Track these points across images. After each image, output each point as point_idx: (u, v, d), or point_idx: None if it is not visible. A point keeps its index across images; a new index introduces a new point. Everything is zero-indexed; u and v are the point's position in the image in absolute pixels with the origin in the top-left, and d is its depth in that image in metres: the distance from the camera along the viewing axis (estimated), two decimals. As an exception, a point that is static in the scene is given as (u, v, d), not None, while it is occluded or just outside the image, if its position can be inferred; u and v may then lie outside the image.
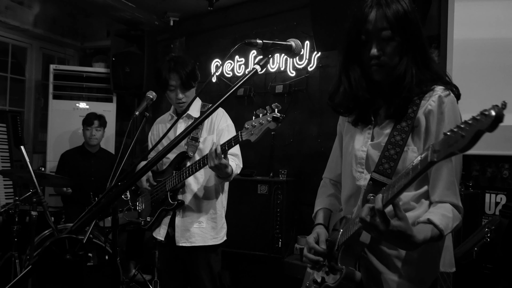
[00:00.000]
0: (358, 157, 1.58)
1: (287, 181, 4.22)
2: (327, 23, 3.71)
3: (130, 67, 5.24)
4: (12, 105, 5.69)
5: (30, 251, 3.39)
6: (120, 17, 5.33)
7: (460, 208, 1.45)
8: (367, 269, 1.52)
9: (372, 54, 1.44)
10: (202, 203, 2.75)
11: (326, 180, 1.92)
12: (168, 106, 5.87)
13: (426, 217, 1.37)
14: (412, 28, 1.44)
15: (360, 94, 1.54)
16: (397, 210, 1.24)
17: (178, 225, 2.74)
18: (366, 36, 1.46)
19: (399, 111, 1.48)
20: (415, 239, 1.27)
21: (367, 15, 1.44)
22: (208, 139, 2.76)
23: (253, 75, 1.40)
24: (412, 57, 1.46)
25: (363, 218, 1.28)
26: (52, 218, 3.68)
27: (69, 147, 4.91)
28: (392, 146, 1.46)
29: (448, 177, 1.43)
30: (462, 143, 0.93)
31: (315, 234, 1.67)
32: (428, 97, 1.46)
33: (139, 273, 4.45)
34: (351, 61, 1.55)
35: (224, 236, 2.84)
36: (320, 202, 1.84)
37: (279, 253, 4.05)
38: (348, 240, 1.46)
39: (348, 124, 1.68)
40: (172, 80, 2.73)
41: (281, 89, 4.70)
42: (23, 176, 3.69)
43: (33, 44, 5.86)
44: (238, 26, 5.24)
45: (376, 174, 1.47)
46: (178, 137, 1.33)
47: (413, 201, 1.49)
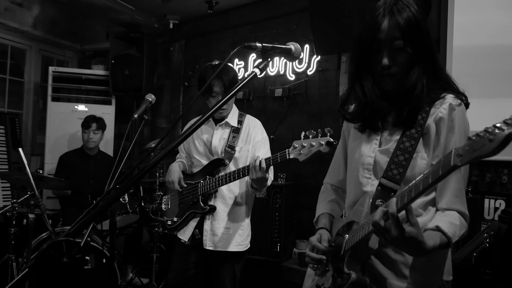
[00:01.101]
0: (366, 163, 1.58)
1: (285, 185, 4.23)
2: (326, 27, 3.71)
3: (129, 69, 5.25)
4: (11, 107, 5.68)
5: (27, 254, 3.38)
6: (120, 19, 5.34)
7: (467, 216, 1.45)
8: (372, 275, 1.51)
9: (384, 64, 1.44)
10: (231, 210, 2.82)
11: (327, 185, 1.91)
12: (167, 109, 5.90)
13: (434, 224, 1.37)
14: (423, 37, 1.44)
15: (375, 103, 1.53)
16: (409, 216, 1.24)
17: (206, 229, 2.79)
18: (378, 45, 1.45)
19: (408, 119, 1.47)
20: (425, 246, 1.27)
21: (380, 24, 1.43)
22: (244, 149, 2.84)
23: (252, 78, 1.40)
24: (423, 67, 1.46)
25: (377, 222, 1.27)
26: (49, 220, 3.67)
27: (68, 150, 4.90)
28: (401, 152, 1.46)
29: (457, 184, 1.43)
30: (491, 147, 0.92)
31: (317, 235, 1.67)
32: (438, 105, 1.46)
33: (137, 277, 4.44)
34: (363, 69, 1.55)
35: (248, 244, 2.91)
36: (322, 207, 1.83)
37: (278, 257, 4.05)
38: (356, 245, 1.45)
39: (354, 130, 1.68)
40: (216, 87, 2.78)
41: (280, 92, 4.71)
42: (21, 178, 3.68)
43: (32, 46, 5.87)
44: (237, 29, 5.26)
45: (385, 180, 1.47)
46: (181, 136, 1.34)
47: (420, 208, 1.49)
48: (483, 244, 2.79)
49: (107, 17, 5.38)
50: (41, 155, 5.56)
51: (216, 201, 2.81)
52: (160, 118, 6.00)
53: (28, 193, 3.65)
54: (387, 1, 1.47)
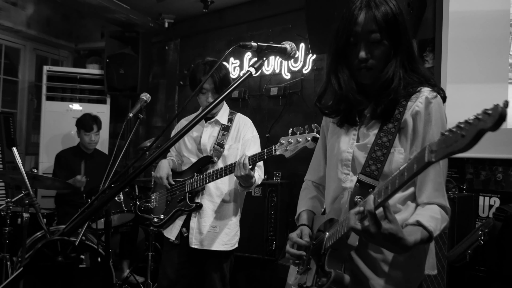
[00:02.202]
0: (344, 159, 1.58)
1: (281, 183, 4.22)
2: (322, 26, 3.71)
3: (124, 68, 5.24)
4: (5, 106, 5.65)
5: (22, 253, 3.37)
6: (115, 18, 5.33)
7: (448, 209, 1.45)
8: (353, 272, 1.50)
9: (361, 57, 1.45)
10: (219, 208, 2.80)
11: (308, 182, 1.92)
12: (162, 109, 5.89)
13: (415, 219, 1.36)
14: (400, 31, 1.46)
15: (351, 95, 1.53)
16: (387, 213, 1.23)
17: (192, 227, 2.78)
18: (355, 39, 1.47)
19: (386, 112, 1.48)
20: (406, 242, 1.26)
21: (357, 17, 1.44)
22: (233, 147, 2.83)
23: (248, 77, 1.40)
24: (399, 60, 1.47)
25: (353, 226, 1.27)
26: (44, 220, 3.66)
27: (62, 149, 4.88)
28: (379, 147, 1.46)
29: (436, 178, 1.44)
30: (463, 142, 0.92)
31: (298, 231, 1.67)
32: (414, 99, 1.47)
33: (132, 275, 4.43)
34: (340, 62, 1.55)
35: (236, 243, 2.88)
36: (303, 204, 1.83)
37: (273, 255, 4.05)
38: (336, 243, 1.45)
39: (333, 125, 1.68)
40: (206, 84, 2.78)
41: (276, 91, 4.71)
42: (15, 177, 3.67)
43: (26, 45, 5.84)
44: (233, 28, 5.25)
45: (363, 176, 1.47)
46: (176, 135, 1.33)
47: (399, 204, 1.49)
48: (478, 242, 2.80)
49: (102, 16, 5.37)
50: (36, 154, 5.55)
51: (203, 198, 2.80)
52: (155, 117, 5.99)
53: (22, 192, 3.64)
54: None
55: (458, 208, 3.00)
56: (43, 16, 5.79)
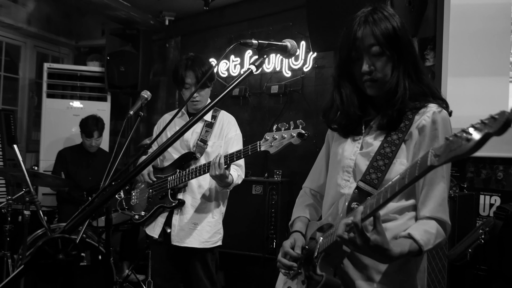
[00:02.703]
0: (346, 165, 1.58)
1: (282, 181, 4.22)
2: (323, 24, 3.71)
3: (125, 66, 5.23)
4: (5, 104, 5.66)
5: (23, 250, 3.37)
6: (115, 16, 5.31)
7: (448, 225, 1.45)
8: (343, 278, 1.51)
9: (364, 70, 1.47)
10: (201, 206, 2.78)
11: (306, 189, 1.91)
12: (163, 106, 5.89)
13: (407, 232, 1.37)
14: (401, 42, 1.47)
15: (352, 111, 1.55)
16: (376, 224, 1.25)
17: (174, 224, 2.76)
18: (356, 53, 1.49)
19: (392, 123, 1.48)
20: (391, 253, 1.27)
21: (356, 32, 1.47)
22: (217, 144, 2.81)
23: (248, 75, 1.40)
24: (403, 70, 1.48)
25: (340, 235, 1.28)
26: (45, 217, 3.65)
27: (63, 146, 4.89)
28: (381, 157, 1.47)
29: (441, 194, 1.44)
30: (468, 146, 0.92)
31: (291, 240, 1.66)
32: (422, 113, 1.47)
33: (133, 273, 4.44)
34: (342, 78, 1.58)
35: (218, 241, 2.85)
36: (298, 211, 1.82)
37: (274, 253, 4.05)
38: (329, 248, 1.44)
39: (338, 135, 1.68)
40: (188, 78, 2.78)
41: (277, 89, 4.70)
42: (16, 175, 3.67)
43: (27, 43, 5.84)
44: (233, 26, 5.24)
45: (362, 183, 1.47)
46: (174, 135, 1.33)
47: (396, 213, 1.48)
48: (479, 240, 2.80)
49: (102, 13, 5.35)
50: (36, 152, 5.55)
51: (186, 195, 2.77)
52: (156, 115, 5.98)
53: (23, 189, 3.64)
54: (364, 11, 1.51)
55: (458, 207, 3.00)
56: (44, 13, 5.78)
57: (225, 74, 5.11)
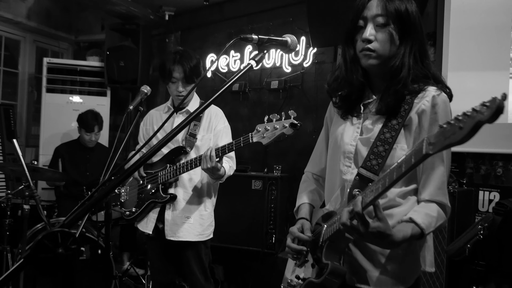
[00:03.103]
0: (347, 151, 1.58)
1: (281, 177, 4.22)
2: (323, 19, 3.70)
3: (124, 61, 5.22)
4: (5, 98, 5.65)
5: (22, 244, 3.38)
6: (115, 11, 5.30)
7: (448, 208, 1.46)
8: (351, 264, 1.52)
9: (363, 37, 1.46)
10: (193, 199, 2.78)
11: (308, 174, 1.91)
12: (162, 101, 5.87)
13: (408, 216, 1.39)
14: (410, 19, 1.46)
15: (354, 77, 1.55)
16: (377, 211, 1.27)
17: (167, 219, 2.76)
18: (363, 21, 1.49)
19: (391, 108, 1.48)
20: (394, 238, 1.30)
21: (366, 2, 1.47)
22: (206, 138, 2.80)
23: (248, 70, 1.39)
24: (409, 49, 1.46)
25: (344, 223, 1.31)
26: (44, 212, 3.67)
27: (62, 141, 4.89)
28: (381, 143, 1.47)
29: (441, 177, 1.45)
30: (461, 134, 0.93)
31: (298, 225, 1.67)
32: (421, 97, 1.46)
33: (132, 267, 4.45)
34: (348, 45, 1.57)
35: (210, 234, 2.86)
36: (302, 197, 1.83)
37: (273, 248, 4.06)
38: (333, 236, 1.46)
39: (337, 117, 1.68)
40: (176, 72, 2.76)
41: (276, 85, 4.70)
42: (16, 169, 3.68)
43: (26, 37, 5.82)
44: (233, 21, 5.23)
45: (363, 170, 1.48)
46: (172, 131, 1.33)
47: (400, 197, 1.49)
48: (477, 236, 2.81)
49: (102, 8, 5.34)
50: (36, 147, 5.55)
51: (177, 189, 2.77)
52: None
53: (23, 184, 3.65)
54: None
55: (458, 203, 3.00)
56: (43, 7, 5.77)
57: (225, 69, 5.10)
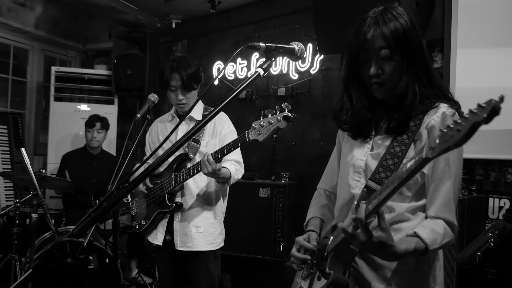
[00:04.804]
0: (357, 166, 1.58)
1: (289, 184, 4.21)
2: (330, 26, 3.70)
3: (132, 69, 5.25)
4: (13, 107, 5.70)
5: (31, 253, 3.39)
6: (122, 19, 5.34)
7: (455, 226, 1.45)
8: (357, 279, 1.51)
9: (372, 73, 1.46)
10: (201, 207, 2.73)
11: (320, 190, 1.92)
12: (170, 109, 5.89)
13: (413, 230, 1.38)
14: (412, 46, 1.45)
15: (362, 113, 1.55)
16: (380, 220, 1.26)
17: (176, 229, 2.72)
18: (365, 55, 1.47)
19: (399, 126, 1.48)
20: (395, 249, 1.28)
21: (365, 34, 1.45)
22: (211, 143, 2.75)
23: (255, 78, 1.40)
24: (413, 74, 1.46)
25: (345, 228, 1.30)
26: (52, 220, 3.68)
27: (70, 149, 4.91)
28: (390, 156, 1.46)
29: (447, 194, 1.44)
30: (458, 136, 0.93)
31: (305, 236, 1.67)
32: (432, 113, 1.46)
33: (140, 276, 4.45)
34: (351, 79, 1.56)
35: (221, 242, 2.82)
36: (313, 211, 1.83)
37: (281, 257, 4.05)
38: (338, 246, 1.45)
39: (348, 135, 1.68)
40: (173, 81, 2.71)
41: (283, 92, 4.70)
42: (24, 178, 3.70)
43: (34, 46, 5.88)
44: (240, 28, 5.25)
45: (372, 182, 1.47)
46: (180, 140, 1.34)
47: (409, 213, 1.48)
48: (488, 244, 2.78)
49: (109, 17, 5.39)
50: (44, 155, 5.58)
51: (185, 198, 2.72)
52: (162, 118, 6.00)
53: (31, 193, 3.67)
54: (375, 12, 1.49)
55: (467, 210, 2.98)
56: (51, 16, 5.82)
57: (232, 76, 5.12)
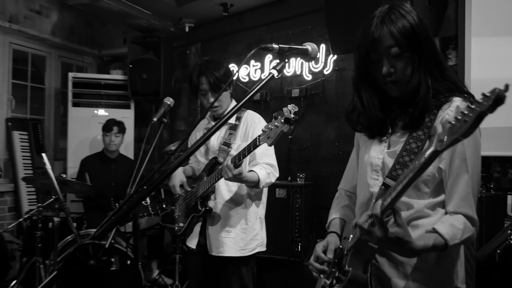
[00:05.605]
0: (374, 164, 1.58)
1: (305, 185, 4.21)
2: (342, 26, 3.70)
3: (147, 73, 5.30)
4: (33, 113, 5.78)
5: (54, 256, 3.45)
6: (136, 24, 5.40)
7: (475, 221, 1.44)
8: (378, 277, 1.52)
9: (384, 73, 1.46)
10: (233, 212, 2.66)
11: (341, 191, 1.92)
12: (185, 112, 5.95)
13: (432, 227, 1.37)
14: (421, 41, 1.44)
15: (373, 113, 1.55)
16: (396, 216, 1.26)
17: (209, 234, 2.67)
18: (375, 54, 1.47)
19: (414, 121, 1.48)
20: (413, 245, 1.28)
21: (373, 33, 1.44)
22: (242, 146, 2.62)
23: (270, 80, 1.41)
24: (425, 69, 1.45)
25: (361, 225, 1.31)
26: (74, 223, 3.74)
27: (89, 154, 4.97)
28: (406, 153, 1.46)
29: (465, 188, 1.43)
30: (465, 127, 0.94)
31: (324, 243, 1.67)
32: (446, 107, 1.46)
33: (161, 277, 4.48)
34: (361, 81, 1.57)
35: (255, 248, 2.70)
36: (334, 212, 1.83)
37: (299, 256, 4.05)
38: (357, 244, 1.46)
39: (365, 135, 1.69)
40: (202, 85, 2.68)
41: (297, 93, 4.70)
42: (45, 182, 3.75)
43: (51, 53, 5.97)
44: (253, 30, 5.26)
45: (389, 179, 1.47)
46: (197, 142, 1.35)
47: (428, 209, 1.48)
48: (507, 241, 2.75)
49: (124, 22, 5.44)
50: (64, 160, 5.65)
51: (216, 202, 2.67)
52: (178, 121, 6.04)
53: (52, 197, 3.73)
54: (381, 11, 1.48)
55: (485, 208, 2.95)
56: (67, 24, 5.91)
57: (246, 79, 5.13)
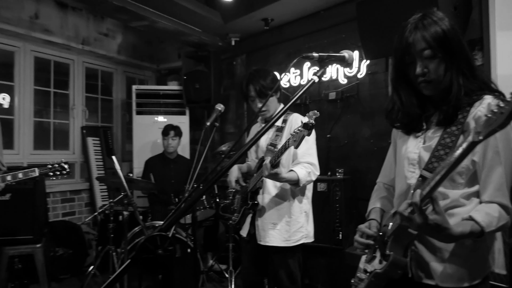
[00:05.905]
0: (411, 158, 1.56)
1: (344, 179, 4.15)
2: (373, 33, 3.63)
3: (199, 83, 5.38)
4: (103, 122, 5.99)
5: (124, 245, 3.56)
6: (189, 41, 5.48)
7: (509, 209, 1.38)
8: (418, 261, 1.49)
9: (418, 73, 1.44)
10: (278, 205, 2.65)
11: (380, 184, 1.90)
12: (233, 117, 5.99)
13: (469, 214, 1.34)
14: (452, 44, 1.42)
15: (412, 110, 1.54)
16: (434, 204, 1.24)
17: (258, 225, 2.70)
18: (410, 57, 1.46)
19: (449, 118, 1.44)
20: (451, 232, 1.26)
21: (407, 38, 1.44)
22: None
23: (311, 85, 1.41)
24: (456, 69, 1.43)
25: (401, 212, 1.30)
26: (140, 216, 3.84)
27: (151, 155, 5.09)
28: (441, 147, 1.43)
29: (499, 179, 1.38)
30: (501, 118, 0.93)
31: (366, 224, 1.67)
32: (478, 105, 1.42)
33: (216, 263, 4.54)
34: (399, 81, 1.56)
35: (300, 239, 2.66)
36: (373, 202, 1.82)
37: (340, 244, 4.00)
38: (396, 230, 1.45)
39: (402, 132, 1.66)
40: (250, 92, 2.72)
41: (334, 96, 4.64)
42: (115, 181, 3.87)
43: (118, 69, 6.16)
44: (292, 41, 5.23)
45: (425, 172, 1.44)
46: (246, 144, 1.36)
47: (463, 198, 1.44)
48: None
49: (178, 39, 5.54)
50: (130, 161, 5.81)
51: (264, 196, 2.68)
52: (227, 124, 6.09)
53: (121, 193, 3.85)
54: (415, 18, 1.47)
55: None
56: (130, 43, 6.08)
57: (287, 85, 5.11)
